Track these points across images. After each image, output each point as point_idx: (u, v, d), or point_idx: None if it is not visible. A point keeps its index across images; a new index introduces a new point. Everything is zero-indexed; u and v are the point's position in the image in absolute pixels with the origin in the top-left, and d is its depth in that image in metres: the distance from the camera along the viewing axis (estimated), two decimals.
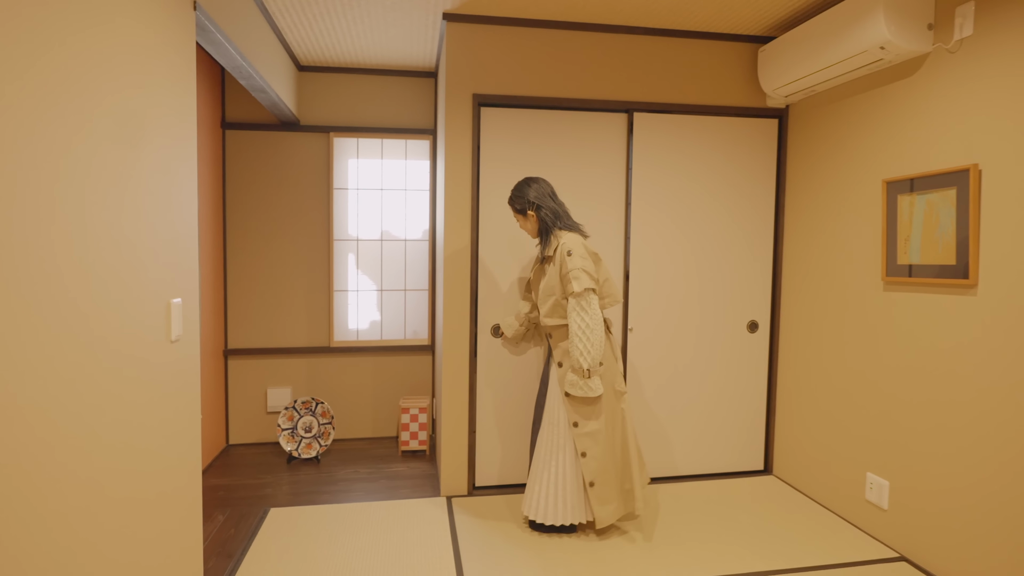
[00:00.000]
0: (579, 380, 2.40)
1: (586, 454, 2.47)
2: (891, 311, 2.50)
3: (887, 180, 2.48)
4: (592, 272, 2.42)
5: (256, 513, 2.81)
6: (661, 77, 3.07)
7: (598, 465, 2.48)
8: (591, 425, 2.47)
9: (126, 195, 1.45)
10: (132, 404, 1.48)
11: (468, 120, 2.91)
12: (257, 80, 2.71)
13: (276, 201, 3.70)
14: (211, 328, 3.46)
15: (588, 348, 2.36)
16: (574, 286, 2.37)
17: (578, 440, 2.48)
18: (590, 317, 2.37)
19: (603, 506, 2.51)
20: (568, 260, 2.41)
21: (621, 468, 2.53)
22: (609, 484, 2.51)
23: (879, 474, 2.55)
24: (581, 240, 2.48)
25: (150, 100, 1.58)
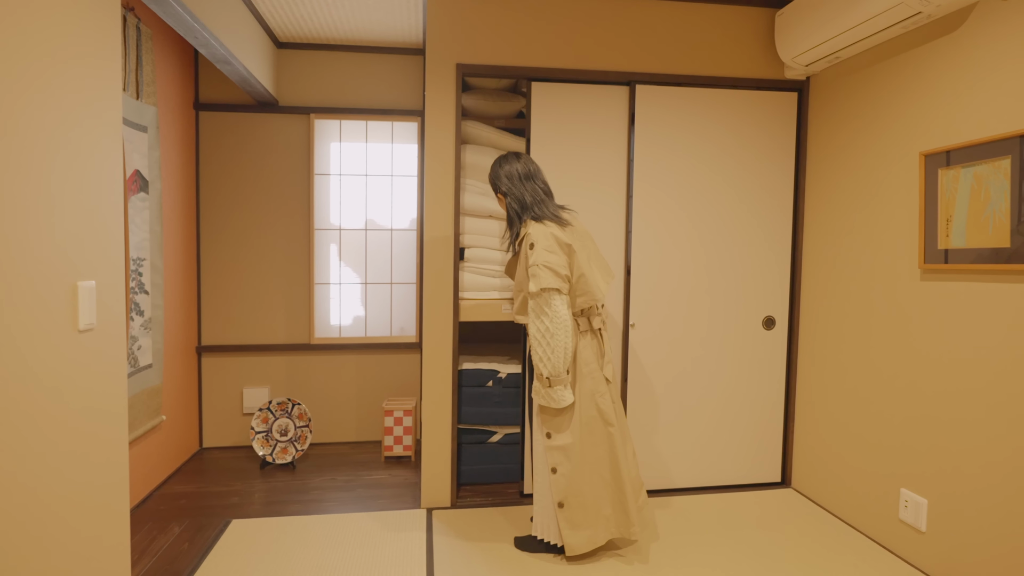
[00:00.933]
0: (541, 388, 2.12)
1: (556, 470, 2.17)
2: (930, 303, 2.17)
3: (925, 153, 2.15)
4: (559, 268, 2.09)
5: (216, 525, 2.56)
6: (666, 45, 2.77)
7: (567, 484, 2.16)
8: (562, 439, 2.16)
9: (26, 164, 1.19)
10: None
11: (451, 92, 2.64)
12: (217, 48, 2.46)
13: (253, 187, 3.45)
14: (182, 323, 3.22)
15: (548, 354, 2.07)
16: (531, 284, 2.08)
17: (548, 453, 2.18)
18: (550, 320, 2.06)
19: (574, 531, 2.18)
20: (531, 254, 2.11)
21: (610, 491, 2.20)
22: (584, 508, 2.17)
23: (916, 491, 2.22)
24: (550, 231, 2.13)
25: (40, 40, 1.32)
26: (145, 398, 2.75)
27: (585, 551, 2.21)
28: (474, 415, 2.92)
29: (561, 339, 2.06)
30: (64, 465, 1.41)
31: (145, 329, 2.74)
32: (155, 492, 2.88)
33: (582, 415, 2.17)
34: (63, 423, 1.41)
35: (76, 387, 1.46)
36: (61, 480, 1.40)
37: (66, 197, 1.42)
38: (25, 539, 1.29)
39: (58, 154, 1.39)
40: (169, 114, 3.03)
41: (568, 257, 2.14)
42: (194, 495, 2.86)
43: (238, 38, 2.71)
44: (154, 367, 2.82)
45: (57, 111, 1.38)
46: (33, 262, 1.28)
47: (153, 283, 2.81)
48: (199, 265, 3.42)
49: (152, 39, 2.78)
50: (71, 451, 1.44)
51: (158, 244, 2.83)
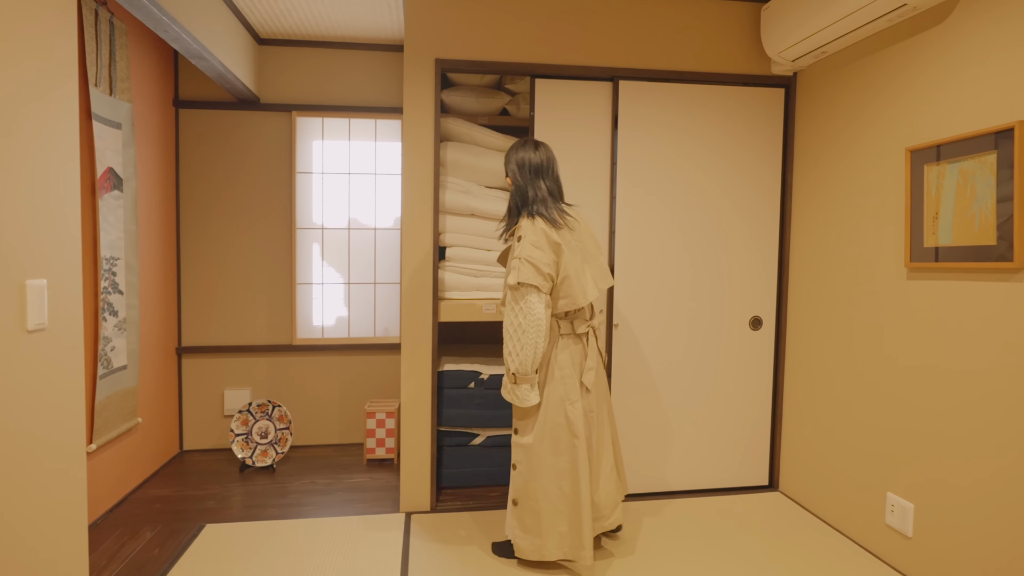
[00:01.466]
0: (508, 383, 2.08)
1: (515, 467, 2.13)
2: (916, 302, 2.12)
3: (911, 148, 2.10)
4: (542, 265, 1.99)
5: (190, 530, 2.50)
6: (650, 41, 2.72)
7: (524, 484, 2.10)
8: (527, 437, 2.11)
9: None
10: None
11: (430, 88, 2.58)
12: (189, 42, 2.41)
13: (235, 186, 3.40)
14: (160, 323, 3.17)
15: (516, 350, 2.00)
16: (509, 277, 2.02)
17: (513, 449, 2.16)
18: (523, 316, 1.98)
19: (525, 535, 2.11)
20: (516, 246, 2.05)
21: (567, 507, 2.08)
22: (536, 515, 2.09)
23: (902, 495, 2.17)
24: (541, 227, 2.05)
25: None
26: (119, 400, 2.69)
27: (531, 559, 2.12)
28: (456, 417, 2.87)
29: (532, 337, 1.98)
30: (10, 472, 1.36)
31: (119, 330, 2.69)
32: (130, 496, 2.82)
33: (547, 420, 2.09)
34: (7, 428, 1.35)
35: (24, 390, 1.41)
36: (7, 488, 1.34)
37: (9, 190, 1.37)
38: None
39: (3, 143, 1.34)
40: (146, 111, 2.98)
41: (556, 256, 2.05)
42: (170, 499, 2.80)
43: (213, 33, 2.66)
44: (129, 368, 2.76)
45: (6, 103, 1.32)
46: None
47: (128, 283, 2.75)
48: (179, 265, 3.37)
49: (127, 35, 2.73)
50: (18, 456, 1.38)
51: (133, 243, 2.78)
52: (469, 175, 2.87)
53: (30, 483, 1.44)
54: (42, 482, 1.48)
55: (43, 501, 1.49)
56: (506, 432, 2.93)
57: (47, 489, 1.50)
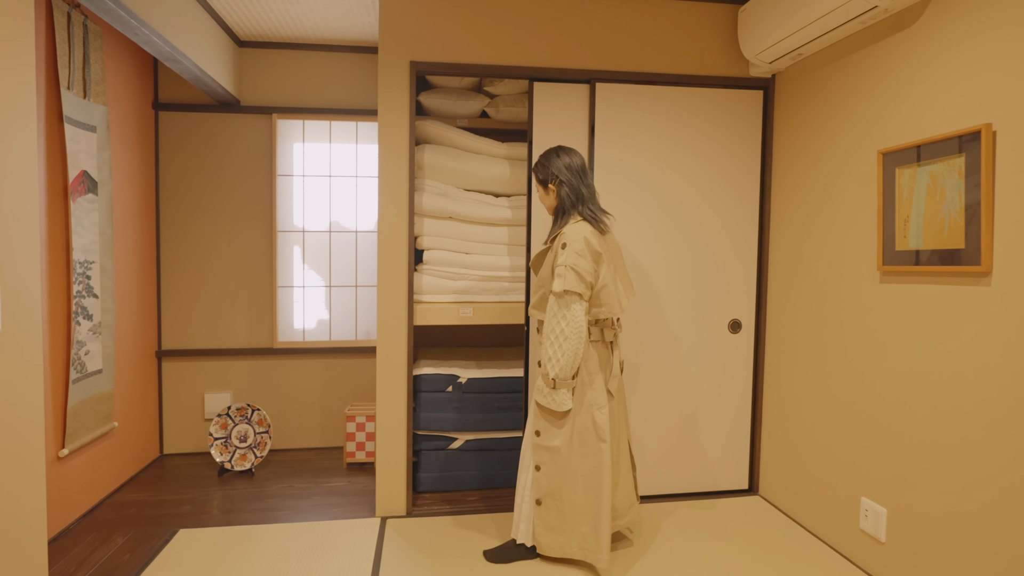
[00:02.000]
0: (545, 388, 2.12)
1: (540, 468, 2.17)
2: (889, 306, 2.11)
3: (883, 151, 2.09)
4: (585, 273, 2.06)
5: (163, 535, 2.48)
6: (628, 43, 2.71)
7: (550, 484, 2.16)
8: (554, 440, 2.15)
9: None
10: None
11: (405, 91, 2.57)
12: (161, 45, 2.40)
13: (215, 189, 3.39)
14: (138, 327, 3.15)
15: (557, 356, 2.06)
16: (555, 284, 2.06)
17: (536, 451, 2.18)
18: (567, 323, 2.04)
19: (548, 533, 2.18)
20: (561, 253, 2.08)
21: (590, 509, 2.14)
22: (561, 513, 2.16)
23: (876, 500, 2.15)
24: (586, 234, 2.09)
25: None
26: (93, 404, 2.68)
27: (554, 555, 2.20)
28: (434, 421, 2.85)
29: (573, 343, 2.05)
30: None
31: (94, 334, 2.67)
32: (105, 500, 2.81)
33: (576, 424, 2.15)
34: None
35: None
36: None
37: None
38: None
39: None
40: (123, 114, 2.97)
41: (596, 265, 2.10)
42: (145, 503, 2.79)
43: (187, 35, 2.65)
44: (104, 372, 2.75)
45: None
46: None
47: (103, 286, 2.74)
48: (159, 268, 3.35)
49: (103, 37, 2.72)
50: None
51: (108, 247, 2.77)
52: (447, 178, 2.86)
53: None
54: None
55: None
56: (485, 436, 2.92)
57: (4, 499, 1.49)
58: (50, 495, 2.40)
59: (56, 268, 2.42)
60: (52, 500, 2.41)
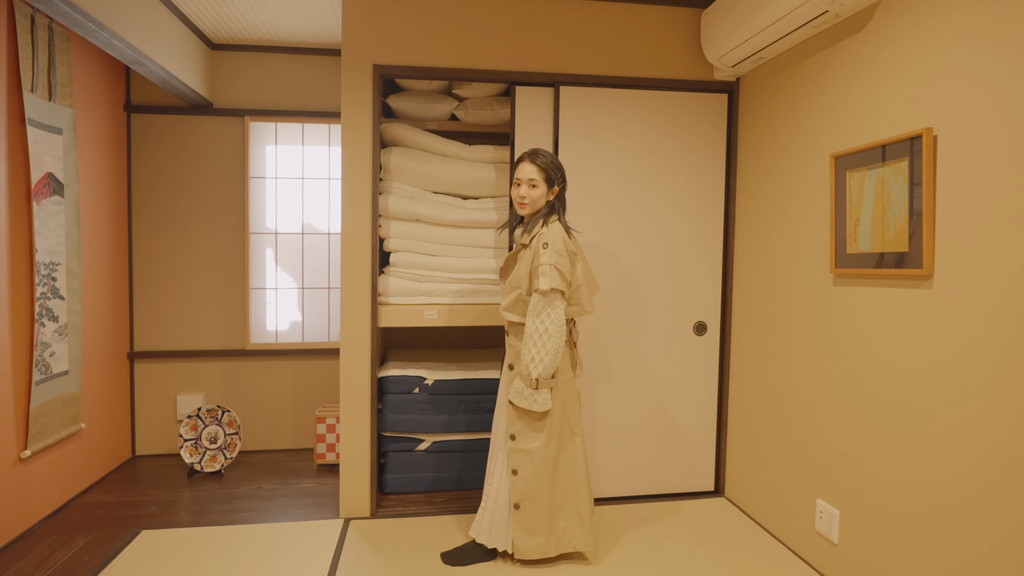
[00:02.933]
0: (525, 390, 2.10)
1: (517, 472, 2.17)
2: (841, 309, 2.12)
3: (835, 155, 2.10)
4: (566, 272, 2.10)
5: (126, 536, 2.49)
6: (592, 46, 2.73)
7: (527, 488, 2.16)
8: (530, 443, 2.16)
9: None
10: None
11: (368, 94, 2.58)
12: (123, 48, 2.41)
13: (187, 190, 3.40)
14: (108, 329, 3.16)
15: (541, 355, 2.05)
16: (541, 282, 2.05)
17: (511, 455, 2.18)
18: (551, 321, 2.05)
19: (527, 536, 2.18)
20: (542, 252, 2.09)
21: (570, 503, 2.21)
22: (539, 515, 2.18)
23: (830, 501, 2.17)
24: (563, 234, 2.15)
25: None
26: (59, 406, 2.68)
27: (534, 558, 2.20)
28: (400, 423, 2.86)
29: (555, 342, 2.05)
30: None
31: (60, 335, 2.68)
32: (72, 502, 2.81)
33: (552, 423, 2.18)
34: None
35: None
36: None
37: None
38: None
39: None
40: (92, 116, 2.98)
41: (572, 265, 2.16)
42: (111, 505, 2.80)
43: (152, 38, 2.66)
44: (71, 374, 2.76)
45: None
46: None
47: (69, 288, 2.75)
48: (131, 269, 3.36)
49: (69, 40, 2.73)
50: None
51: (75, 249, 2.78)
52: (414, 180, 2.87)
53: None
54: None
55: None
56: (452, 437, 2.93)
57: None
58: (11, 496, 2.41)
59: (18, 270, 2.43)
60: (14, 501, 2.42)
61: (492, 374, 2.96)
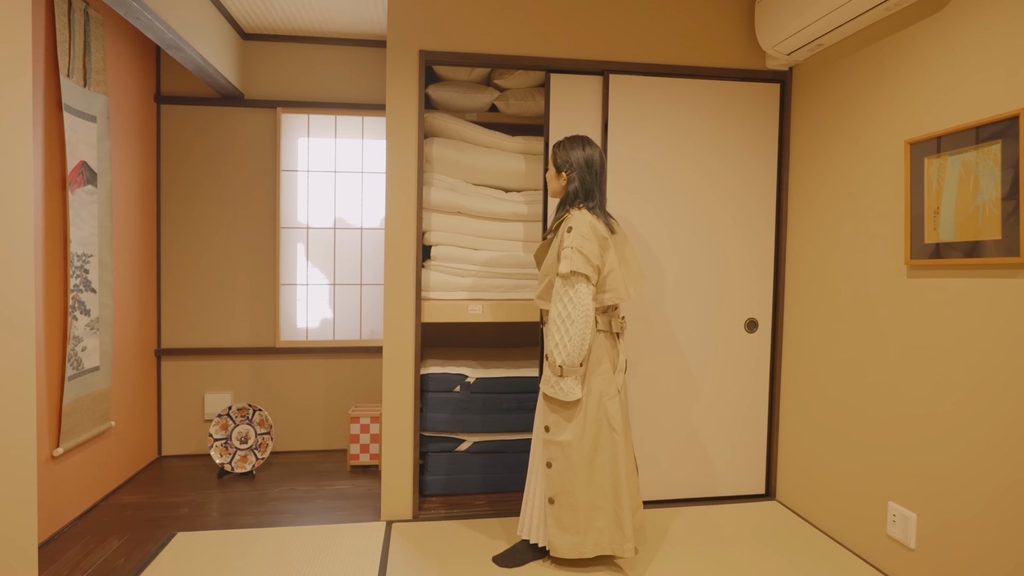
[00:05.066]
0: (551, 376, 2.03)
1: (551, 465, 2.07)
2: (917, 302, 2.02)
3: (910, 141, 2.01)
4: (592, 256, 2.02)
5: (160, 538, 2.39)
6: (642, 33, 2.65)
7: (562, 481, 2.06)
8: (564, 434, 2.07)
9: None
10: None
11: (414, 81, 2.50)
12: (164, 31, 2.34)
13: (218, 183, 3.32)
14: (137, 324, 3.07)
15: (564, 341, 1.97)
16: (561, 265, 2.00)
17: (545, 447, 2.09)
18: (574, 306, 1.97)
19: (561, 532, 2.08)
20: (566, 236, 2.03)
21: (607, 502, 2.09)
22: (575, 511, 2.07)
23: (904, 504, 2.06)
24: (590, 220, 2.07)
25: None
26: (90, 403, 2.59)
27: (569, 557, 2.09)
28: (441, 422, 2.77)
29: (580, 327, 1.97)
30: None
31: (91, 329, 2.59)
32: (101, 502, 2.72)
33: (588, 415, 2.08)
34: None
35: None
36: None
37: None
38: None
39: None
40: (125, 105, 2.90)
41: (602, 250, 2.07)
42: (143, 505, 2.70)
43: (191, 24, 2.58)
44: (102, 370, 2.67)
45: None
46: None
47: (102, 281, 2.66)
48: (159, 264, 3.28)
49: (104, 26, 2.65)
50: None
51: (108, 240, 2.69)
52: (456, 172, 2.79)
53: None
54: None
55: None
56: (494, 437, 2.83)
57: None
58: (44, 496, 2.31)
59: (53, 260, 2.35)
60: (46, 501, 2.33)
61: (534, 372, 2.87)
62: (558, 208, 2.18)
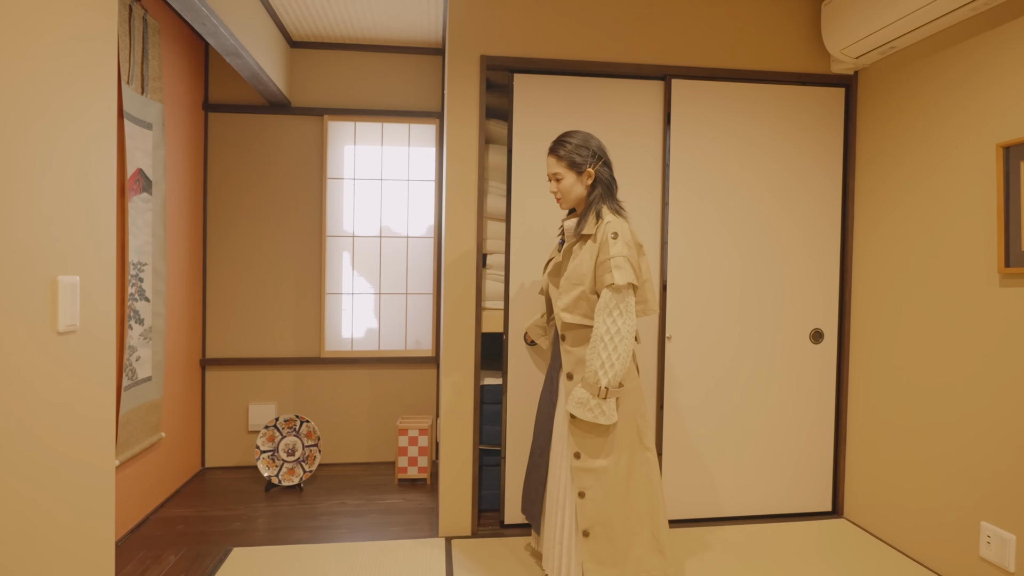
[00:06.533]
0: (590, 399, 1.83)
1: (584, 494, 1.90)
2: (1013, 311, 1.94)
3: (1003, 144, 1.94)
4: (635, 265, 1.88)
5: (216, 554, 2.33)
6: (703, 38, 2.59)
7: (597, 511, 1.90)
8: (598, 461, 1.90)
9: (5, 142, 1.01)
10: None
11: (475, 86, 2.46)
12: (226, 38, 2.31)
13: (263, 191, 3.29)
14: (185, 333, 3.03)
15: (612, 360, 1.80)
16: (615, 276, 1.81)
17: (576, 476, 1.91)
18: (624, 321, 1.81)
19: (599, 567, 1.89)
20: (611, 243, 1.85)
21: (644, 527, 1.94)
22: (612, 542, 1.90)
23: (1000, 525, 1.96)
24: (628, 226, 1.92)
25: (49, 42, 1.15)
26: (143, 413, 2.55)
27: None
28: (495, 435, 2.69)
29: (628, 344, 1.82)
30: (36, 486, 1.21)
31: (144, 339, 2.55)
32: (152, 516, 2.66)
33: (621, 436, 1.93)
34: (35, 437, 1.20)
35: (53, 397, 1.26)
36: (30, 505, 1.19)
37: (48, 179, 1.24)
38: None
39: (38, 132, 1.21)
40: (176, 112, 2.88)
41: (638, 257, 1.94)
42: (193, 519, 2.64)
43: (249, 30, 2.56)
44: (153, 380, 2.62)
45: (44, 89, 1.20)
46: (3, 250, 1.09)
47: (155, 289, 2.63)
48: (205, 272, 3.24)
49: (160, 33, 2.64)
50: (45, 469, 1.23)
51: (161, 248, 2.66)
52: None
53: (55, 498, 1.29)
54: (68, 498, 1.33)
55: (69, 517, 1.34)
56: None
57: (74, 506, 1.35)
58: None
59: None
60: None
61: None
62: (586, 209, 1.96)
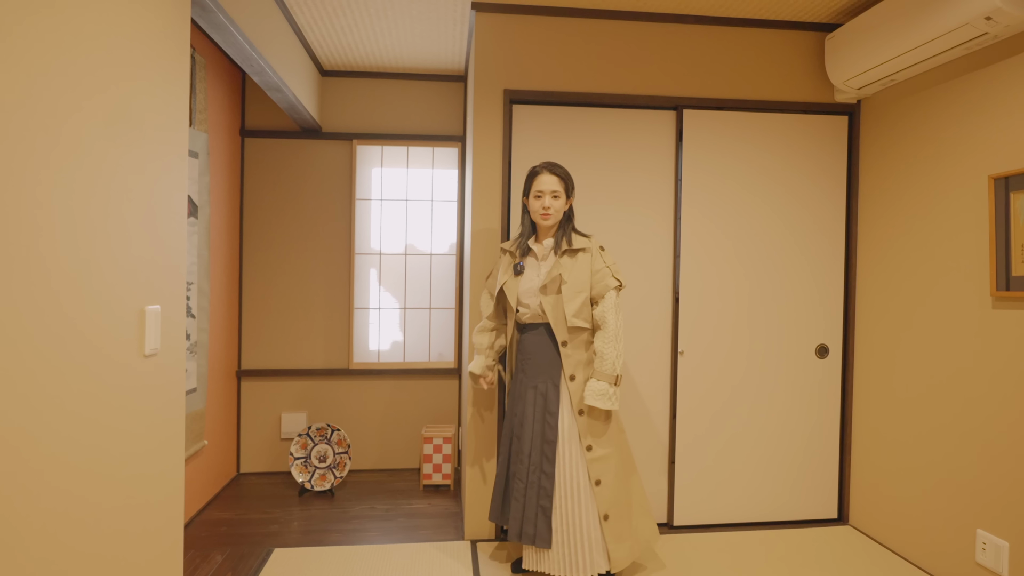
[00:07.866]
0: (608, 388, 2.13)
1: (600, 482, 2.16)
2: (1005, 332, 2.07)
3: (994, 176, 2.08)
4: None
5: (258, 554, 2.51)
6: (713, 70, 2.75)
7: (614, 494, 2.17)
8: (605, 447, 2.20)
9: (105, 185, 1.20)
10: (78, 442, 1.21)
11: (499, 118, 2.64)
12: (270, 75, 2.50)
13: (295, 212, 3.48)
14: (223, 347, 3.23)
15: (620, 351, 2.16)
16: (619, 280, 2.21)
17: (592, 466, 2.16)
18: (621, 319, 2.21)
19: (619, 543, 2.16)
20: (601, 255, 2.25)
21: (635, 499, 2.28)
22: (624, 519, 2.20)
23: (994, 532, 2.09)
24: None
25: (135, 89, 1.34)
26: (189, 423, 2.73)
27: (625, 565, 2.18)
28: None
29: (623, 338, 2.30)
30: (123, 493, 1.39)
31: (191, 353, 2.74)
32: (195, 518, 2.85)
33: (613, 424, 2.25)
34: (128, 452, 1.39)
35: (140, 416, 1.44)
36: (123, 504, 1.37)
37: (136, 219, 1.42)
38: (91, 559, 1.26)
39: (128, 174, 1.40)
40: (218, 141, 3.08)
41: None
42: (234, 522, 2.82)
43: (289, 67, 2.75)
44: (198, 391, 2.81)
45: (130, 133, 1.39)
46: (103, 286, 1.27)
47: (200, 307, 2.82)
48: (241, 288, 3.44)
49: (206, 68, 2.84)
50: (131, 477, 1.41)
51: (205, 269, 2.85)
52: None
53: (143, 490, 1.46)
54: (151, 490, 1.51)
55: (148, 508, 1.51)
56: None
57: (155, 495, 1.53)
58: None
59: None
60: None
61: None
62: (561, 228, 2.26)
